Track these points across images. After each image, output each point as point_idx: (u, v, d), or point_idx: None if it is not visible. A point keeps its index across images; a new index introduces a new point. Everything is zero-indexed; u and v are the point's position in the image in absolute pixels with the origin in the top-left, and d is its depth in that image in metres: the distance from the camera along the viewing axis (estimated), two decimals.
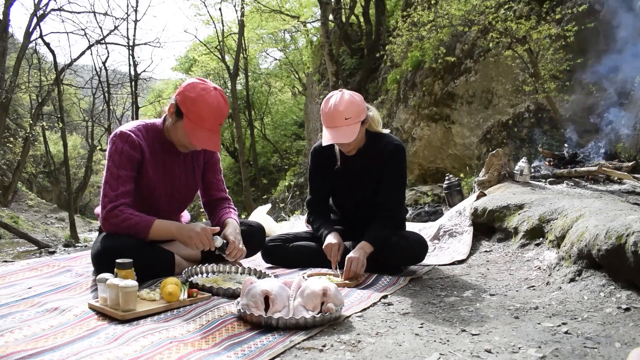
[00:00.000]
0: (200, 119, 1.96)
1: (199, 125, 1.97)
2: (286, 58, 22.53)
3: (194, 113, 1.96)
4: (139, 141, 2.03)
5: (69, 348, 1.28)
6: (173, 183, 2.18)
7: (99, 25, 25.03)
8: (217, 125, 2.01)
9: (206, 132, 1.98)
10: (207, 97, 1.96)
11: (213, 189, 2.35)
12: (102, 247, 1.95)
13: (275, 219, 5.87)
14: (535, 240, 2.58)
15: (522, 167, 4.01)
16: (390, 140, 2.37)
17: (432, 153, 8.54)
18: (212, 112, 1.97)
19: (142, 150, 2.04)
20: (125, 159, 2.00)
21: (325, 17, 11.78)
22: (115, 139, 2.02)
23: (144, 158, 2.05)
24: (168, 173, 2.15)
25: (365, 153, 2.37)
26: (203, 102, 1.95)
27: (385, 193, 2.34)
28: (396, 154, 2.33)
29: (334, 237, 2.30)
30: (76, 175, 24.11)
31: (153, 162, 2.09)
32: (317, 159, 2.51)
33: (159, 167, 2.12)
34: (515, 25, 5.38)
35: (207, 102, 1.96)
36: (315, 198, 2.56)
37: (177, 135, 2.05)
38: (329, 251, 2.26)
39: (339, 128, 2.17)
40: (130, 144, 2.01)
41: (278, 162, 21.76)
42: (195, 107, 1.96)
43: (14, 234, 11.03)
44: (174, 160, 2.17)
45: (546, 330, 1.46)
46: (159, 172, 2.12)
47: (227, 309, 1.64)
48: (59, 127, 16.94)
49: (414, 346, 1.35)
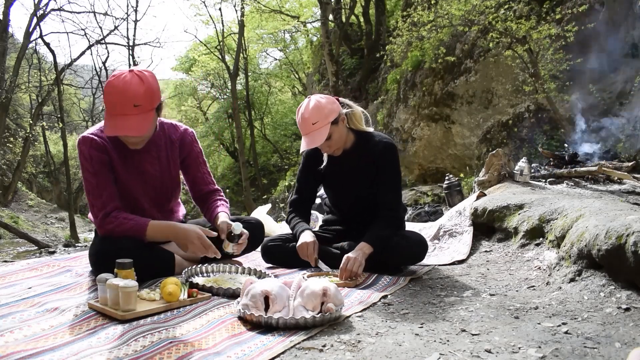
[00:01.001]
0: (108, 107, 1.86)
1: (108, 114, 1.87)
2: (286, 58, 22.53)
3: (105, 102, 1.88)
4: (102, 142, 1.99)
5: (69, 348, 1.28)
6: (146, 181, 2.13)
7: (99, 25, 25.12)
8: (120, 108, 1.83)
9: (111, 118, 1.86)
10: (111, 82, 1.85)
11: (200, 184, 2.31)
12: (102, 247, 1.95)
13: (275, 219, 5.88)
14: (535, 240, 2.58)
15: (522, 167, 4.01)
16: (379, 138, 2.37)
17: (432, 153, 8.54)
18: (111, 96, 1.84)
19: (107, 151, 2.00)
20: (96, 164, 1.97)
21: (325, 17, 11.78)
22: (81, 145, 1.99)
23: (112, 159, 2.02)
24: (139, 171, 2.11)
25: (354, 152, 2.38)
26: (107, 87, 1.85)
27: (383, 193, 2.35)
28: (387, 152, 2.34)
29: (308, 236, 2.30)
30: (76, 175, 24.09)
31: (121, 162, 2.05)
32: (309, 161, 2.53)
33: (128, 166, 2.07)
34: (515, 25, 5.39)
35: (110, 86, 1.84)
36: (299, 198, 2.58)
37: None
38: (304, 250, 2.26)
39: (310, 134, 2.22)
40: (95, 148, 1.97)
41: (278, 162, 21.76)
42: (105, 96, 1.88)
43: (14, 234, 11.04)
44: (143, 158, 2.10)
45: (546, 330, 1.46)
46: (129, 171, 2.08)
47: (227, 309, 1.64)
48: (59, 127, 16.95)
49: (414, 346, 1.35)
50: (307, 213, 2.61)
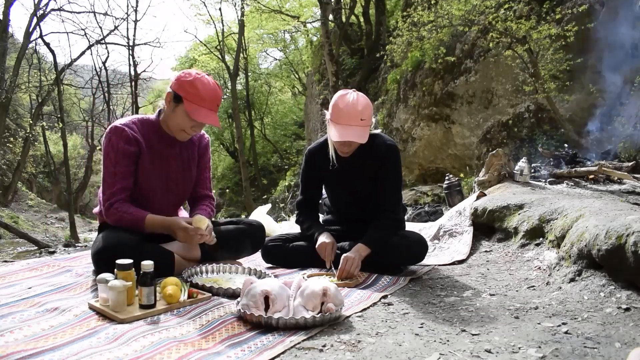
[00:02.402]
0: (200, 99, 2.01)
1: (200, 105, 2.01)
2: (286, 58, 22.54)
3: (193, 94, 2.00)
4: (133, 134, 2.06)
5: (69, 348, 1.28)
6: (169, 175, 2.19)
7: (99, 25, 25.05)
8: (215, 106, 2.07)
9: (206, 110, 2.03)
10: (203, 80, 2.03)
11: (199, 186, 2.36)
12: (102, 246, 1.96)
13: (275, 219, 5.87)
14: (535, 240, 2.58)
15: (522, 167, 4.00)
16: (383, 140, 2.36)
17: (432, 153, 8.54)
18: (209, 92, 2.03)
19: (137, 142, 2.07)
20: (120, 154, 2.03)
21: (325, 17, 11.78)
22: (110, 134, 2.05)
23: (141, 150, 2.08)
24: (164, 165, 2.17)
25: (358, 154, 2.37)
26: (201, 84, 2.01)
27: (385, 194, 2.34)
28: (391, 154, 2.34)
29: (327, 237, 2.30)
30: (76, 175, 24.09)
31: (149, 154, 2.11)
32: (311, 161, 2.51)
33: (155, 159, 2.13)
34: (515, 25, 5.38)
35: (204, 83, 2.02)
36: (305, 199, 2.56)
37: (177, 119, 2.06)
38: (323, 250, 2.25)
39: (353, 127, 2.15)
40: (124, 139, 2.04)
41: (278, 162, 21.76)
42: (193, 89, 2.00)
43: (14, 234, 11.02)
44: (169, 153, 2.18)
45: (546, 330, 1.46)
46: (155, 164, 2.14)
47: (227, 309, 1.65)
48: (59, 127, 16.91)
49: (414, 346, 1.35)
50: (316, 213, 2.59)
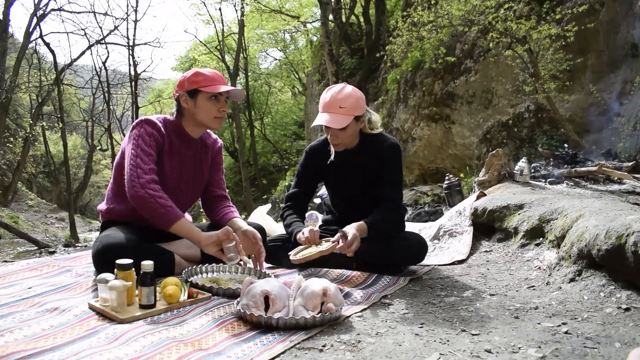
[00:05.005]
0: (211, 80, 2.11)
1: (214, 84, 2.11)
2: (286, 58, 22.54)
3: (203, 80, 2.10)
4: (161, 129, 2.13)
5: (69, 348, 1.28)
6: (182, 175, 2.23)
7: (99, 25, 25.13)
8: (225, 80, 2.17)
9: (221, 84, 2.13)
10: (200, 69, 2.17)
11: (214, 186, 2.40)
12: (103, 246, 1.95)
13: (275, 219, 5.86)
14: (535, 240, 2.58)
15: (522, 167, 4.01)
16: (385, 139, 2.38)
17: (432, 153, 8.54)
18: (213, 73, 2.14)
19: (163, 137, 2.13)
20: (153, 141, 2.09)
21: (325, 17, 11.79)
22: (143, 123, 2.11)
23: (164, 146, 2.14)
24: (180, 165, 2.21)
25: (360, 151, 2.37)
26: (201, 71, 2.13)
27: (385, 189, 2.35)
28: (393, 152, 2.34)
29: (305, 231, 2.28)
30: (76, 175, 24.09)
31: (169, 152, 2.17)
32: (311, 158, 2.51)
33: (173, 157, 2.19)
34: (515, 25, 5.38)
35: (203, 70, 2.15)
36: (296, 193, 2.55)
37: (204, 109, 2.13)
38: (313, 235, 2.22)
39: (331, 114, 2.21)
40: (157, 130, 2.11)
41: (278, 162, 21.78)
42: (200, 77, 2.11)
43: (14, 234, 11.03)
44: (186, 154, 2.24)
45: (546, 330, 1.46)
46: (173, 163, 2.19)
47: (227, 309, 1.64)
48: (59, 127, 16.92)
49: (414, 346, 1.35)
50: (303, 209, 2.57)
